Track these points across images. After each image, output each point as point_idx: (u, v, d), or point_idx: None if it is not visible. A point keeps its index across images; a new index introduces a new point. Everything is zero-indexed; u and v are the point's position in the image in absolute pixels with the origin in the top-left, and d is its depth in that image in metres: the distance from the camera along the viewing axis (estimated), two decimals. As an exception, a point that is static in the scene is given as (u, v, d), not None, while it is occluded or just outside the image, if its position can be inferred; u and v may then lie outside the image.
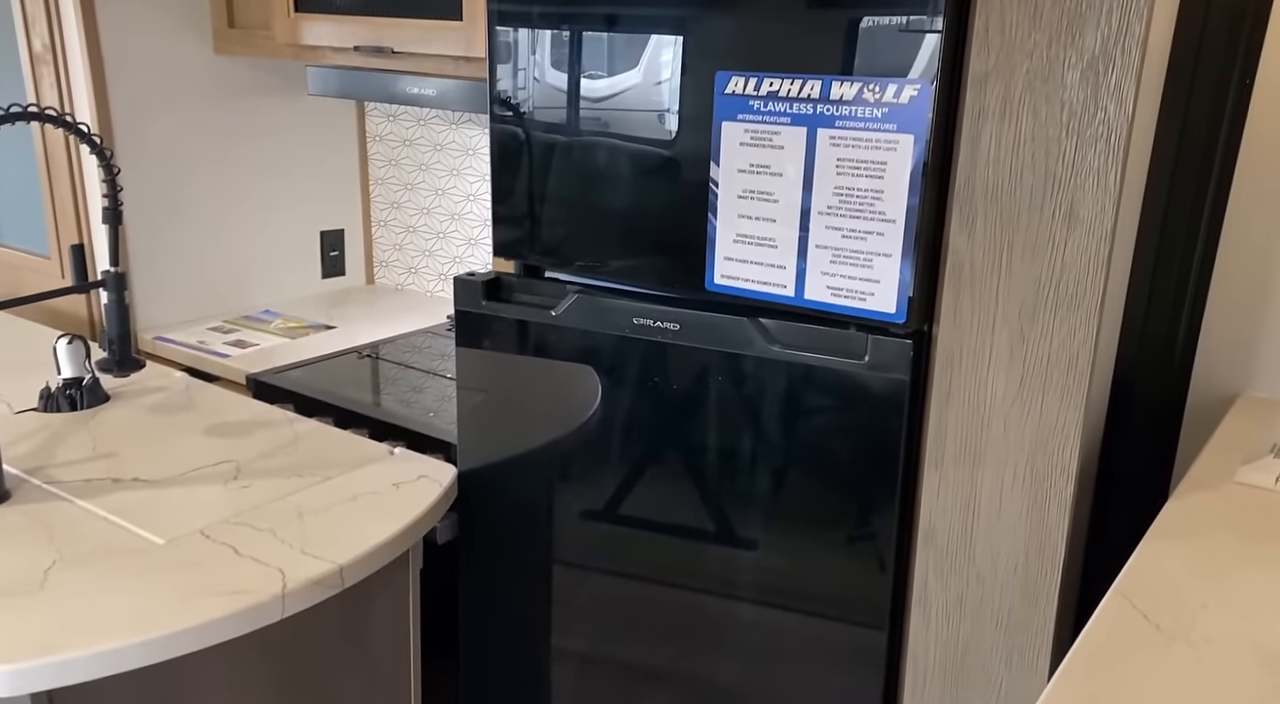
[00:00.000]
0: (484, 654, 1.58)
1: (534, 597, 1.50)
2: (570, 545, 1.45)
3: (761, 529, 1.29)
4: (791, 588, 1.28)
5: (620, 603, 1.43)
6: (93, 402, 1.57)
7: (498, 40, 1.33)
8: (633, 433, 1.34)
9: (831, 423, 1.21)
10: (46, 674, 0.97)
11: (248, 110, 2.20)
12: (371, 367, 1.97)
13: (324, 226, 2.44)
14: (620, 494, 1.38)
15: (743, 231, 1.22)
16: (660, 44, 1.22)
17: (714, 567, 1.33)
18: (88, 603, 1.05)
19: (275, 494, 1.32)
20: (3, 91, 2.13)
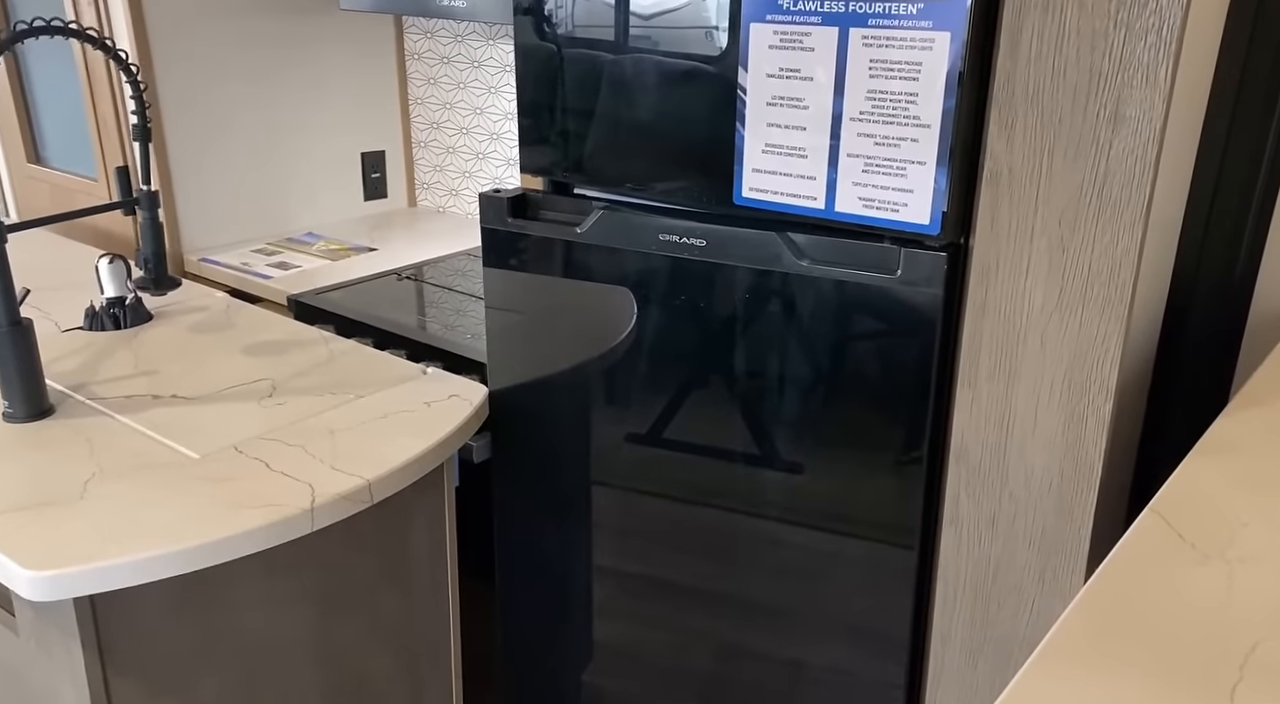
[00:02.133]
0: (519, 572, 1.61)
1: (568, 515, 1.51)
2: (603, 465, 1.45)
3: (792, 448, 1.27)
4: (821, 506, 1.27)
5: (653, 522, 1.43)
6: (135, 321, 1.60)
7: (519, -56, 1.28)
8: (661, 353, 1.33)
9: (863, 340, 1.17)
10: (87, 580, 1.00)
11: (287, 29, 2.18)
12: (413, 289, 1.97)
13: (365, 148, 2.43)
14: (650, 414, 1.37)
15: (772, 141, 1.17)
16: (686, -58, 1.16)
17: (744, 485, 1.32)
18: (125, 513, 1.08)
19: (308, 411, 1.34)
20: (45, 7, 2.14)
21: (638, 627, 1.50)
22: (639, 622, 1.49)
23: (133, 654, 1.13)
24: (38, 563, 1.00)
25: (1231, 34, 1.22)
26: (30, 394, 1.26)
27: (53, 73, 2.22)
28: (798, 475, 1.27)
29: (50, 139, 2.31)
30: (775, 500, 1.30)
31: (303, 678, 1.32)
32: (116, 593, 1.08)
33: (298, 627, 1.30)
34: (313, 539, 1.27)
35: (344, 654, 1.37)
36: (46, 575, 0.99)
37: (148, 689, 1.15)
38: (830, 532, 1.27)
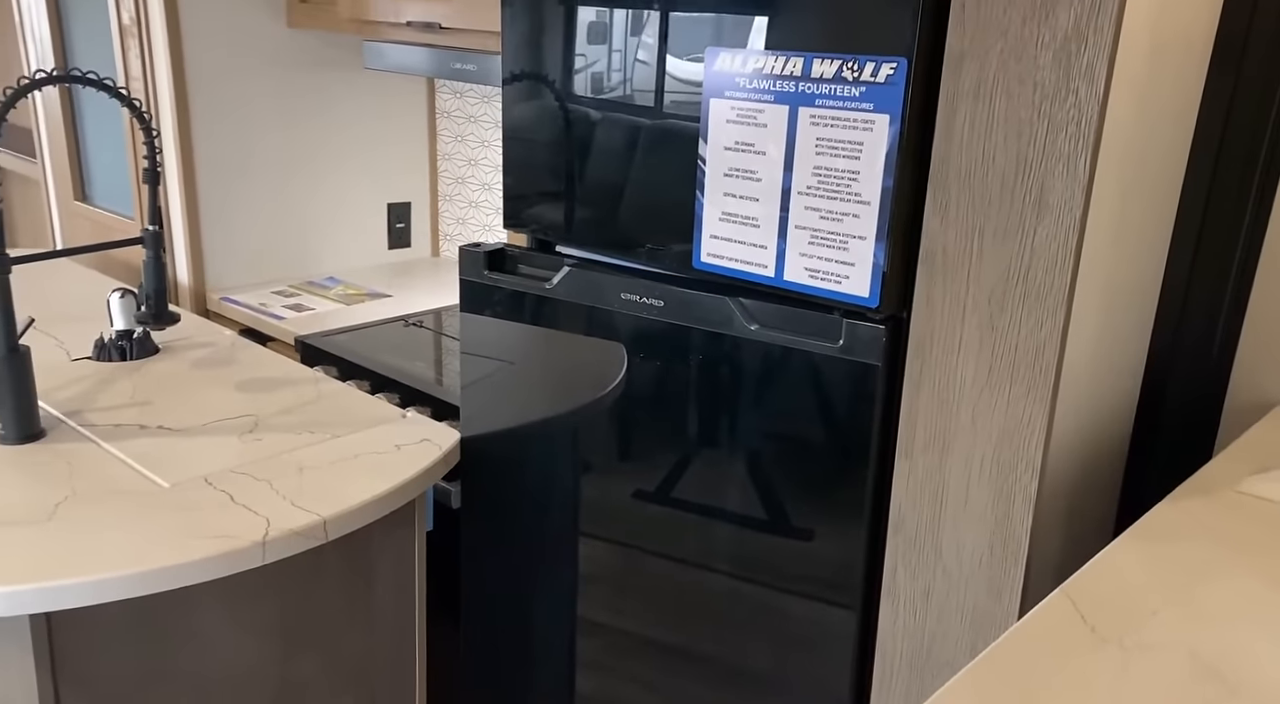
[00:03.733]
0: (483, 617, 1.63)
1: (529, 561, 1.54)
2: (561, 514, 1.48)
3: (737, 507, 1.28)
4: (766, 568, 1.28)
5: (606, 570, 1.45)
6: (142, 353, 1.69)
7: (506, 17, 1.36)
8: (622, 408, 1.36)
9: (807, 406, 1.19)
10: (42, 598, 1.06)
11: (319, 84, 2.30)
12: (418, 335, 2.04)
13: (392, 199, 2.54)
14: (612, 467, 1.40)
15: (728, 210, 1.22)
16: (654, 19, 1.22)
17: (692, 541, 1.34)
18: (88, 536, 1.14)
19: (283, 448, 1.40)
20: (96, 61, 2.30)
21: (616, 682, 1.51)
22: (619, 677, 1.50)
23: (86, 673, 1.18)
24: None
25: (1207, 111, 1.23)
26: (21, 418, 1.34)
27: (101, 119, 2.37)
28: (742, 533, 1.29)
29: (96, 179, 2.46)
30: (722, 557, 1.32)
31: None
32: (72, 612, 1.14)
33: (256, 659, 1.34)
34: (273, 572, 1.31)
35: (303, 691, 1.41)
36: (2, 591, 1.05)
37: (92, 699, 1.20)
38: (775, 590, 1.28)
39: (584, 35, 1.29)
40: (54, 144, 2.47)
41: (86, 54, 2.32)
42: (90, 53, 2.30)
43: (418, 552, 1.52)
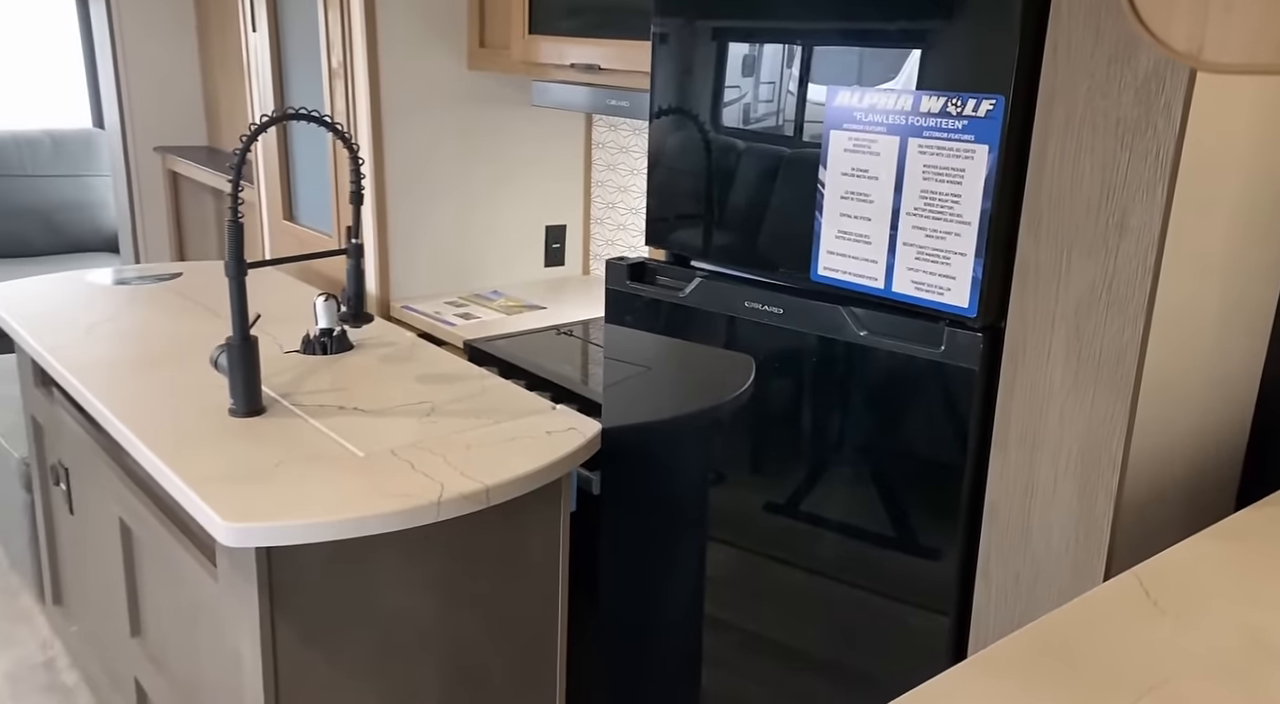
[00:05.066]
0: (617, 596, 1.82)
1: (655, 547, 1.71)
2: (689, 510, 1.65)
3: (845, 504, 1.42)
4: (867, 559, 1.41)
5: (721, 567, 1.61)
6: (339, 349, 1.98)
7: (656, 57, 1.56)
8: (745, 412, 1.52)
9: (909, 406, 1.32)
10: (265, 534, 1.32)
11: (491, 119, 2.59)
12: (569, 342, 2.27)
13: (549, 222, 2.80)
14: (732, 465, 1.56)
15: (843, 228, 1.37)
16: (784, 59, 1.39)
17: (809, 543, 1.48)
18: (299, 490, 1.40)
19: (454, 429, 1.63)
20: (307, 99, 2.66)
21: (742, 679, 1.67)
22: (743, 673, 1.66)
23: (292, 605, 1.43)
24: (233, 517, 1.32)
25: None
26: (249, 395, 1.63)
27: (308, 148, 2.73)
28: (847, 526, 1.42)
29: (302, 201, 2.83)
30: (828, 549, 1.45)
31: (424, 655, 1.59)
32: (285, 549, 1.40)
33: (423, 609, 1.57)
34: (442, 532, 1.54)
35: (460, 642, 1.63)
36: (237, 527, 1.31)
37: (301, 634, 1.46)
38: (869, 590, 1.41)
39: (723, 72, 1.48)
40: (269, 170, 2.86)
41: (300, 94, 2.69)
42: (303, 93, 2.67)
43: (563, 526, 1.72)
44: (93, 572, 2.15)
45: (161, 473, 1.46)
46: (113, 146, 3.67)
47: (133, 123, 3.58)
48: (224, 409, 1.65)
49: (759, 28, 1.41)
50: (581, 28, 2.15)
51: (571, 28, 2.18)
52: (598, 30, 2.12)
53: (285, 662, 1.45)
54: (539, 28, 2.27)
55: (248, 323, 1.60)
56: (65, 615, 2.42)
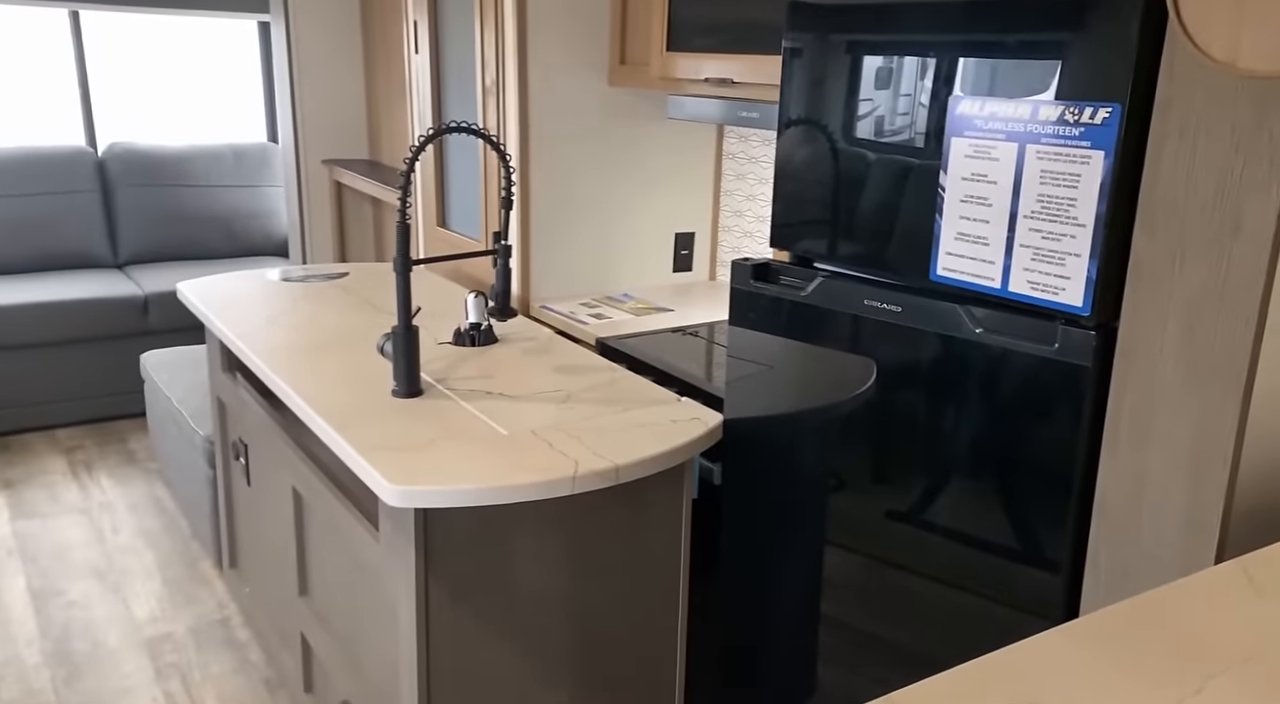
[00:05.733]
0: (735, 585, 1.91)
1: (772, 540, 1.80)
2: (806, 506, 1.73)
3: (958, 499, 1.48)
4: (979, 562, 1.46)
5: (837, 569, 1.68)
6: (486, 342, 2.16)
7: (787, 70, 1.66)
8: (861, 406, 1.60)
9: (1022, 402, 1.38)
10: (423, 497, 1.49)
11: (628, 131, 2.74)
12: (693, 342, 2.39)
13: (679, 229, 2.93)
14: (848, 462, 1.64)
15: (962, 231, 1.44)
16: (908, 70, 1.48)
17: (913, 540, 1.55)
18: (452, 460, 1.57)
19: (587, 414, 1.77)
20: (460, 115, 2.88)
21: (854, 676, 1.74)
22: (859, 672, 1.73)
23: (443, 564, 1.60)
24: (397, 480, 1.50)
25: None
26: (410, 378, 1.82)
27: (462, 160, 2.95)
28: (957, 517, 1.48)
29: (454, 208, 3.06)
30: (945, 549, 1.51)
31: (556, 622, 1.73)
32: (439, 513, 1.56)
33: (556, 578, 1.71)
34: (575, 507, 1.68)
35: (589, 612, 1.76)
36: (400, 489, 1.48)
37: (449, 593, 1.62)
38: (978, 595, 1.46)
39: (849, 83, 1.57)
40: (426, 181, 3.10)
41: (455, 110, 2.91)
42: (458, 110, 2.90)
43: (685, 511, 1.84)
44: (265, 538, 2.40)
45: (335, 442, 1.65)
46: (286, 160, 4.03)
47: (304, 138, 3.92)
48: (387, 390, 1.85)
49: (884, 41, 1.49)
50: (716, 44, 2.28)
51: (706, 44, 2.30)
52: (731, 46, 2.24)
53: (435, 618, 1.62)
54: (676, 45, 2.41)
55: (410, 314, 1.78)
56: (240, 578, 2.70)
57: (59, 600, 2.73)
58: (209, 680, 2.43)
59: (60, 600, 2.73)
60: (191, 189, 4.42)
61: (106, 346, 3.86)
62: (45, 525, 3.13)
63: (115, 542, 3.05)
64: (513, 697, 1.73)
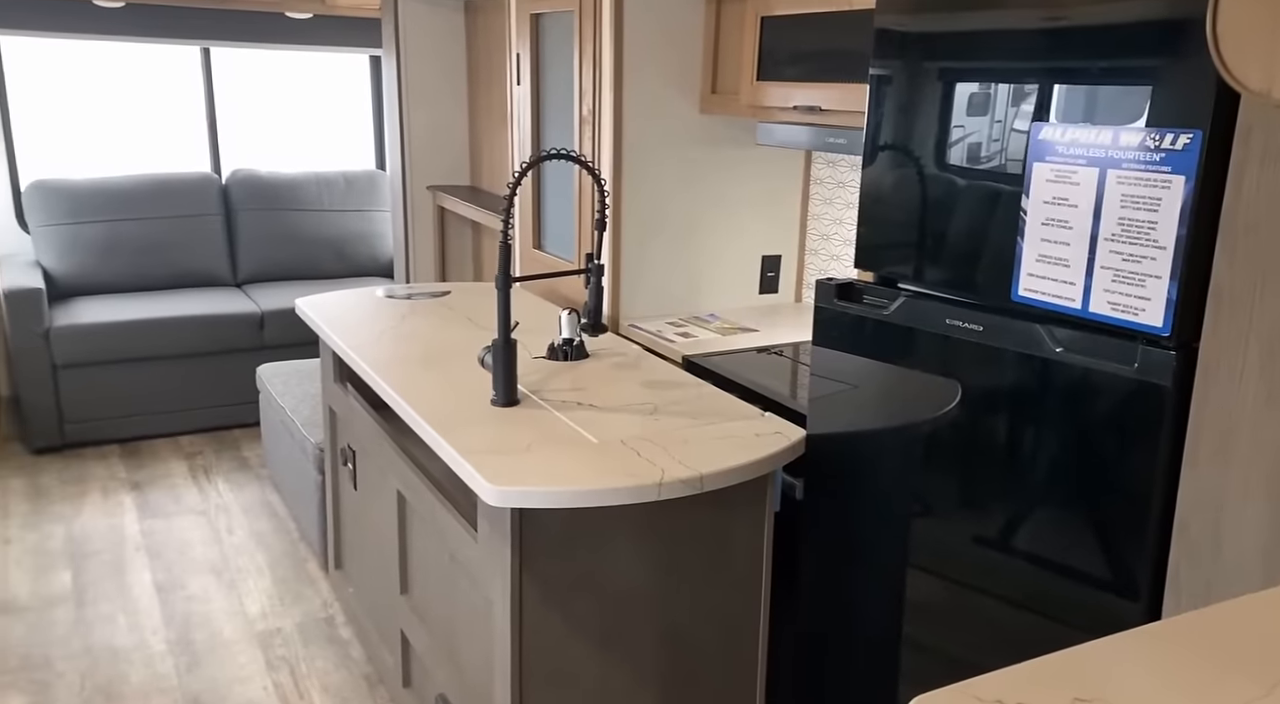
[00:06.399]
0: (817, 599, 1.95)
1: (853, 557, 1.84)
2: (887, 526, 1.77)
3: (1038, 519, 1.50)
4: (1059, 584, 1.48)
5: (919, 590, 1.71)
6: (578, 357, 2.26)
7: (872, 97, 1.73)
8: (943, 428, 1.64)
9: (1102, 420, 1.40)
10: (519, 497, 1.59)
11: (717, 157, 2.83)
12: (776, 362, 2.45)
13: (766, 252, 3.00)
14: (925, 482, 1.68)
15: (1043, 253, 1.47)
16: (990, 97, 1.53)
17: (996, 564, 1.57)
18: (546, 465, 1.67)
19: (674, 426, 1.85)
20: (561, 143, 3.02)
21: (905, 653, 1.77)
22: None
23: (536, 562, 1.69)
24: (496, 481, 1.60)
25: None
26: (508, 388, 1.93)
27: (557, 186, 3.09)
28: (1039, 535, 1.50)
29: (549, 231, 3.19)
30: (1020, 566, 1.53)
31: (641, 623, 1.81)
32: (533, 514, 1.66)
33: (642, 581, 1.79)
34: (661, 514, 1.76)
35: (673, 615, 1.84)
36: (499, 489, 1.59)
37: (541, 591, 1.71)
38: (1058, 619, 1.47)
39: (933, 109, 1.62)
40: (523, 205, 3.25)
41: (553, 138, 3.05)
42: (555, 137, 3.04)
43: (767, 523, 1.89)
44: (369, 540, 2.55)
45: (440, 446, 1.77)
46: (393, 186, 4.25)
47: (410, 165, 4.14)
48: (487, 399, 1.96)
49: (973, 68, 1.55)
50: (805, 73, 2.35)
51: (796, 74, 2.38)
52: (819, 75, 2.31)
53: (528, 614, 1.71)
54: (766, 74, 2.49)
55: (510, 328, 1.90)
56: (344, 579, 2.86)
57: (181, 594, 2.94)
58: (314, 674, 2.58)
59: (182, 594, 2.94)
60: (305, 213, 4.69)
61: (225, 360, 4.13)
62: (169, 524, 3.37)
63: (231, 542, 3.26)
64: (600, 693, 1.81)
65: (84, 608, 2.84)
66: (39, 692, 2.47)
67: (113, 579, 3.00)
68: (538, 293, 3.10)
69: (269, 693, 2.50)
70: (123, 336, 3.91)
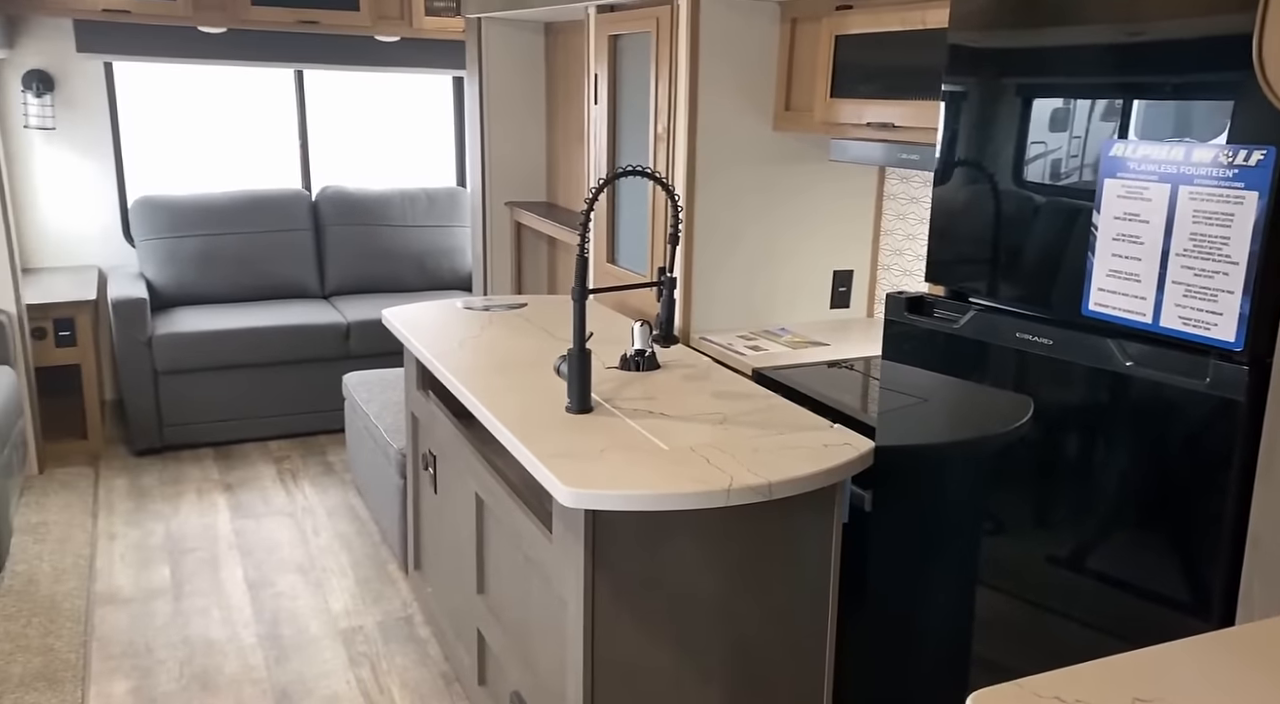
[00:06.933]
0: (885, 605, 1.97)
1: (921, 571, 1.85)
2: (956, 541, 1.78)
3: (1107, 531, 1.50)
4: (1127, 596, 1.47)
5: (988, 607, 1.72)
6: (649, 367, 2.32)
7: (945, 113, 1.76)
8: (1013, 444, 1.65)
9: (1173, 435, 1.40)
10: (593, 499, 1.65)
11: (790, 173, 2.87)
12: (846, 375, 2.47)
13: (837, 267, 3.02)
14: (995, 498, 1.69)
15: (1114, 268, 1.48)
16: (1066, 115, 1.54)
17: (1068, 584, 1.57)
18: (618, 469, 1.73)
19: (743, 435, 1.90)
20: (635, 160, 3.10)
21: None
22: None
23: (608, 564, 1.75)
24: (570, 484, 1.67)
25: None
26: (583, 396, 2.00)
27: (631, 202, 3.17)
28: (1112, 549, 1.50)
29: (622, 245, 3.27)
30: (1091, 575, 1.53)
31: (709, 627, 1.85)
32: (606, 517, 1.72)
33: (711, 585, 1.83)
34: (730, 520, 1.80)
35: (740, 620, 1.87)
36: (574, 491, 1.65)
37: (612, 592, 1.77)
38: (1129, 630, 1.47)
39: (1004, 125, 1.64)
40: (598, 220, 3.33)
41: (628, 155, 3.14)
42: (630, 155, 3.12)
43: (835, 533, 1.92)
44: (448, 541, 2.65)
45: (517, 450, 1.85)
46: (473, 202, 4.39)
47: (490, 182, 4.27)
48: (562, 406, 2.04)
49: (1044, 83, 1.57)
50: (878, 90, 2.38)
51: (869, 91, 2.41)
52: (893, 92, 2.34)
53: (600, 614, 1.77)
54: (840, 92, 2.53)
55: (585, 338, 1.97)
56: (422, 580, 2.96)
57: (270, 590, 3.08)
58: (394, 671, 2.68)
59: (271, 591, 3.08)
60: (390, 228, 4.87)
61: (312, 368, 4.31)
62: (259, 525, 3.53)
63: (316, 542, 3.40)
64: (669, 694, 1.85)
65: (181, 601, 3.00)
66: (142, 677, 2.62)
67: (207, 575, 3.16)
68: (611, 305, 3.18)
69: (351, 687, 2.61)
70: (218, 345, 4.12)
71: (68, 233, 4.50)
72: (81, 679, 2.58)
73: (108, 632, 2.82)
